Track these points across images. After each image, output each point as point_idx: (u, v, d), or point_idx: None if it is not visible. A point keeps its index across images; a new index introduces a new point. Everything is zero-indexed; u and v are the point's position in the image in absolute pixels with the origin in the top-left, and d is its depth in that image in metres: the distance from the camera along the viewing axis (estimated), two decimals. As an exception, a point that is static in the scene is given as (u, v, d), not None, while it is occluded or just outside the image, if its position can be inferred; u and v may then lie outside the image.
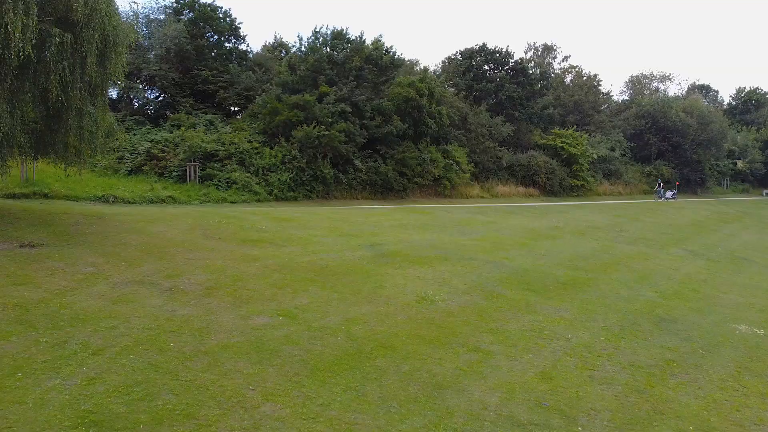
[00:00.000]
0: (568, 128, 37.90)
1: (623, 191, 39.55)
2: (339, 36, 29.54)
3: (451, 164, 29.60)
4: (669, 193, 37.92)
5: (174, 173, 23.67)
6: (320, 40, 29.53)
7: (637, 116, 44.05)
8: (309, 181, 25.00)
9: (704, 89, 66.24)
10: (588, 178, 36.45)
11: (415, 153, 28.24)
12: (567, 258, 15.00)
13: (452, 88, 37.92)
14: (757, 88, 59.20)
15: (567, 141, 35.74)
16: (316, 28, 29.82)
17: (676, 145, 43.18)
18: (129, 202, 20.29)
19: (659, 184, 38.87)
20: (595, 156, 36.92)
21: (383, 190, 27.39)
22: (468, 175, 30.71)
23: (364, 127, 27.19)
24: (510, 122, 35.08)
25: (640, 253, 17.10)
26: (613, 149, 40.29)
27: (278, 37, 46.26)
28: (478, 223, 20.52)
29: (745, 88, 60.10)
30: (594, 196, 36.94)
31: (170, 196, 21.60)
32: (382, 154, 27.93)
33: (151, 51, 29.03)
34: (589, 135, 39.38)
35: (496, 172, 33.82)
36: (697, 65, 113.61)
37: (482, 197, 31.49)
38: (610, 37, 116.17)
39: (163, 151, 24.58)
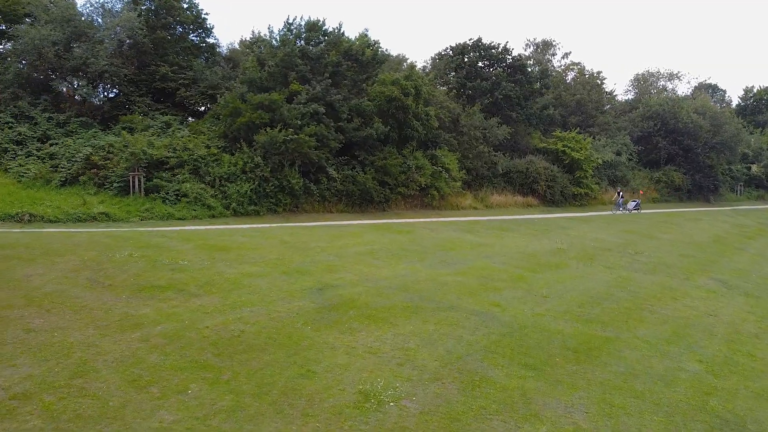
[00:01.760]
0: (570, 130, 34.60)
1: (630, 199, 36.20)
2: (314, 28, 26.26)
3: (440, 171, 26.34)
4: (631, 204, 32.24)
5: (115, 184, 20.40)
6: (293, 32, 26.23)
7: (645, 117, 40.75)
8: (274, 193, 21.72)
9: (711, 89, 63.08)
10: (592, 186, 33.19)
11: (398, 159, 24.96)
12: (576, 301, 11.72)
13: (443, 86, 34.67)
14: (768, 86, 56.03)
15: (569, 145, 32.46)
16: (288, 19, 26.51)
17: (687, 148, 39.87)
18: (50, 221, 17.07)
19: (619, 193, 33.13)
20: (600, 161, 33.62)
21: (361, 201, 24.11)
22: (459, 183, 27.45)
23: (340, 130, 23.92)
24: (507, 124, 31.82)
25: (664, 288, 13.83)
26: (619, 153, 36.98)
27: (257, 32, 42.87)
28: (466, 245, 17.23)
29: (753, 87, 56.94)
30: (599, 206, 33.68)
31: (104, 213, 18.37)
32: (361, 160, 24.65)
33: (103, 44, 25.65)
34: (593, 138, 36.09)
35: (491, 180, 30.54)
36: (702, 62, 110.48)
37: (475, 208, 28.21)
38: (610, 34, 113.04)
39: (106, 158, 21.30)
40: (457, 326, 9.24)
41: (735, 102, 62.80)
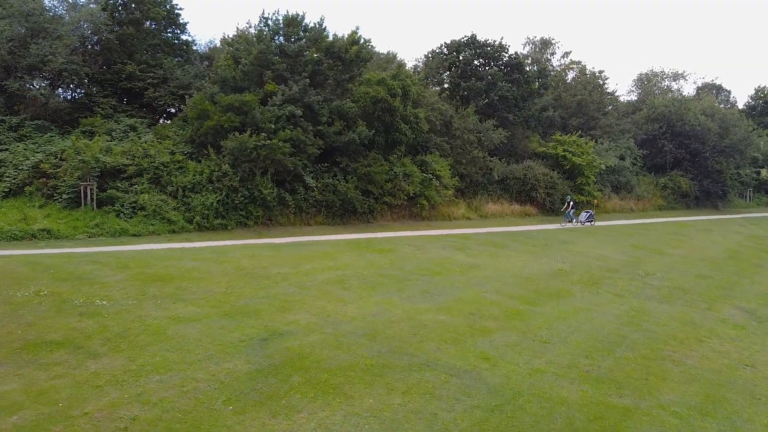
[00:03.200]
0: (571, 133, 32.47)
1: (635, 207, 34.09)
2: (293, 22, 24.11)
3: (430, 179, 24.20)
4: (583, 215, 27.41)
5: (65, 195, 18.26)
6: (270, 27, 24.08)
7: (650, 119, 38.57)
8: (244, 205, 19.60)
9: (716, 89, 60.97)
10: (595, 193, 31.02)
11: (384, 166, 22.84)
12: (582, 347, 9.61)
13: (436, 86, 32.56)
14: (780, 86, 53.59)
15: (570, 149, 30.32)
16: (264, 13, 24.37)
17: (694, 152, 37.66)
18: (-21, 240, 14.88)
19: (568, 203, 27.37)
20: (603, 167, 31.45)
21: (343, 213, 21.99)
22: (451, 192, 25.31)
23: (320, 134, 21.81)
24: (503, 127, 29.68)
25: (685, 324, 11.74)
26: (622, 158, 34.80)
27: (241, 28, 40.67)
28: (454, 268, 15.11)
29: (764, 87, 54.63)
30: (602, 214, 31.50)
31: (46, 230, 16.29)
32: (343, 167, 22.53)
33: (62, 40, 23.48)
34: (595, 141, 33.93)
35: (486, 187, 28.40)
36: (705, 62, 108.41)
37: (468, 218, 26.09)
38: (609, 33, 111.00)
39: (57, 166, 19.16)
40: (432, 396, 7.14)
41: (741, 103, 60.71)
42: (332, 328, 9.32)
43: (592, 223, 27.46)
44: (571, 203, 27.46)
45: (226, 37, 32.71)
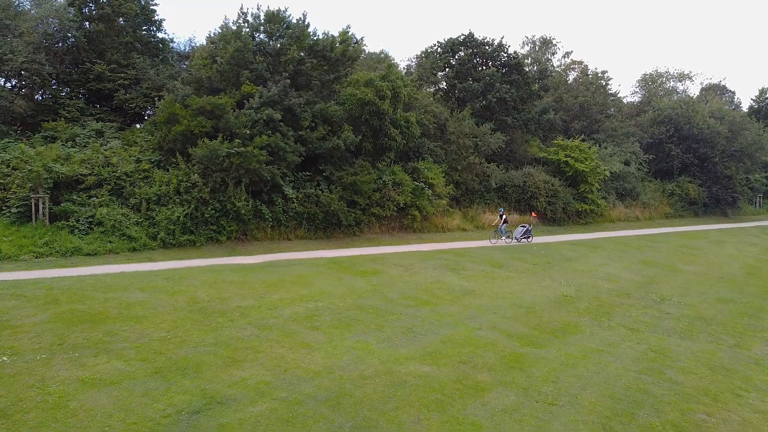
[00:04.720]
0: (574, 138, 30.66)
1: (641, 215, 32.24)
2: (275, 18, 22.23)
3: (423, 188, 22.37)
4: (519, 230, 22.86)
5: (14, 209, 16.39)
6: (249, 23, 22.25)
7: (656, 122, 36.70)
8: (215, 219, 17.77)
9: (720, 90, 59.19)
10: (598, 201, 29.19)
11: (372, 174, 21.01)
12: (597, 410, 7.83)
13: (430, 88, 30.75)
14: (787, 87, 51.80)
15: (572, 154, 28.50)
16: (242, 8, 22.53)
17: (703, 157, 35.81)
18: None
19: (501, 216, 22.75)
20: (607, 173, 29.60)
21: (326, 225, 20.15)
22: (445, 201, 23.47)
23: (301, 140, 19.98)
24: (501, 130, 27.89)
25: (714, 370, 9.94)
26: (627, 163, 32.95)
27: (222, 24, 38.67)
28: (445, 296, 13.28)
29: (768, 88, 52.94)
30: (606, 224, 29.70)
31: (-16, 249, 14.36)
32: (327, 176, 20.71)
33: (22, 37, 21.64)
34: (599, 145, 32.12)
35: (483, 195, 26.57)
36: (707, 63, 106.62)
37: (464, 230, 24.26)
38: (610, 31, 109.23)
39: (7, 176, 17.30)
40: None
41: (745, 104, 58.93)
42: (287, 391, 7.49)
43: (529, 239, 22.82)
44: (504, 216, 22.81)
45: (211, 35, 30.84)
